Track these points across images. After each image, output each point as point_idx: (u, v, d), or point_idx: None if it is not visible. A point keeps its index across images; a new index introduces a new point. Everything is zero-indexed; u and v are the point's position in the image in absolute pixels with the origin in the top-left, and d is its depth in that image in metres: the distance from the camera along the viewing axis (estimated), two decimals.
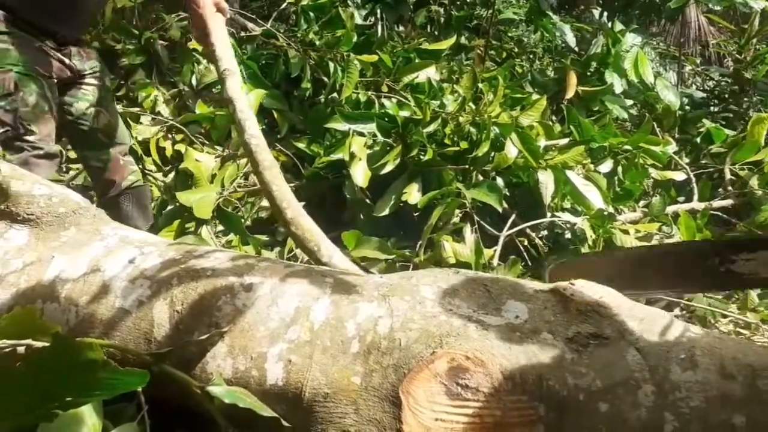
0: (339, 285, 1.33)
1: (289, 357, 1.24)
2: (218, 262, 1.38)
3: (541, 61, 5.41)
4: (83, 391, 0.84)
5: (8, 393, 0.87)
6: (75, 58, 2.46)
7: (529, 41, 5.82)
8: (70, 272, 1.41)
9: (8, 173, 1.55)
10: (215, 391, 1.18)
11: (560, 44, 5.47)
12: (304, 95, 3.08)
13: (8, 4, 2.27)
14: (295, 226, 1.61)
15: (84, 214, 1.55)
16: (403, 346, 1.17)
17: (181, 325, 1.28)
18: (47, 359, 0.82)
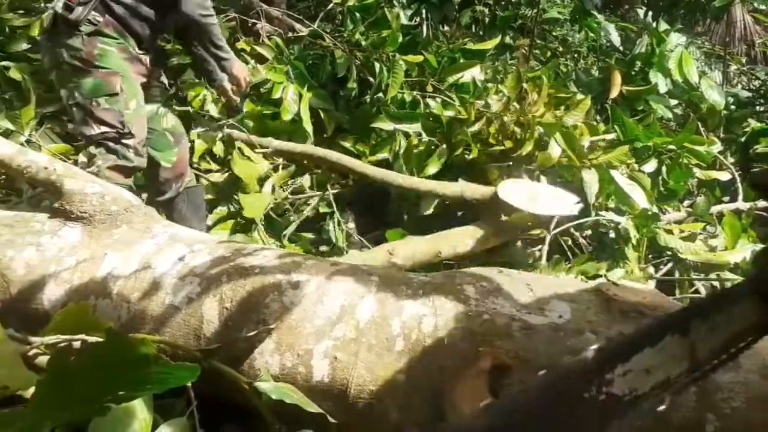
0: (384, 283, 1.33)
1: (335, 354, 1.25)
2: (266, 260, 1.40)
3: (585, 61, 5.32)
4: (136, 386, 0.87)
5: (65, 386, 0.90)
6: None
7: (573, 41, 5.72)
8: (121, 269, 1.45)
9: (62, 172, 1.60)
10: (263, 387, 1.20)
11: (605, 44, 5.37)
12: (350, 95, 3.10)
13: (116, 10, 2.37)
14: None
15: (135, 213, 1.59)
16: (447, 345, 1.16)
17: (230, 321, 1.31)
18: (102, 354, 0.85)
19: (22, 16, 3.80)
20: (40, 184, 1.62)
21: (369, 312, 1.27)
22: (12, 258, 1.48)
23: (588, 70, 4.54)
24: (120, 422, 1.11)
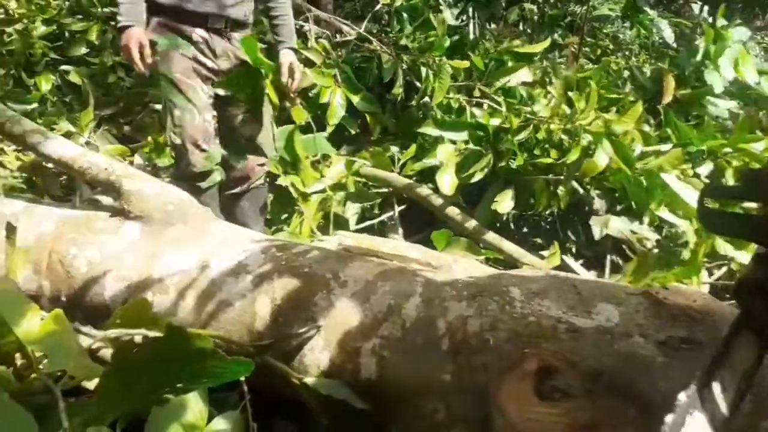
0: (430, 284, 1.35)
1: (381, 353, 1.27)
2: (316, 259, 1.44)
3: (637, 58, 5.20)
4: (193, 379, 0.91)
5: (128, 378, 0.95)
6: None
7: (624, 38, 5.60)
8: (178, 266, 1.51)
9: (121, 172, 1.68)
10: (313, 383, 1.23)
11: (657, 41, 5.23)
12: (396, 99, 3.12)
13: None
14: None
15: (191, 212, 1.65)
16: (492, 346, 1.17)
17: (281, 318, 1.35)
18: (162, 348, 0.90)
19: (80, 21, 3.96)
20: (100, 184, 1.70)
21: (415, 312, 1.29)
22: (75, 255, 1.56)
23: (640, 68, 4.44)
24: (177, 414, 1.16)
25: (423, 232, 2.90)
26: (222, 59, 2.58)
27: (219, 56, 2.57)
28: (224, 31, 2.55)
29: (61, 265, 1.55)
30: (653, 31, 5.04)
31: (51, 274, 1.55)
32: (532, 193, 2.56)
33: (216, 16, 2.51)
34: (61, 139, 1.69)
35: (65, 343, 1.12)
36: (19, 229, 1.50)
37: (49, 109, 3.58)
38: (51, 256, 1.56)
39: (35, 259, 1.55)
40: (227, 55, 2.59)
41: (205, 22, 2.50)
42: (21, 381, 1.22)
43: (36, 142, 1.63)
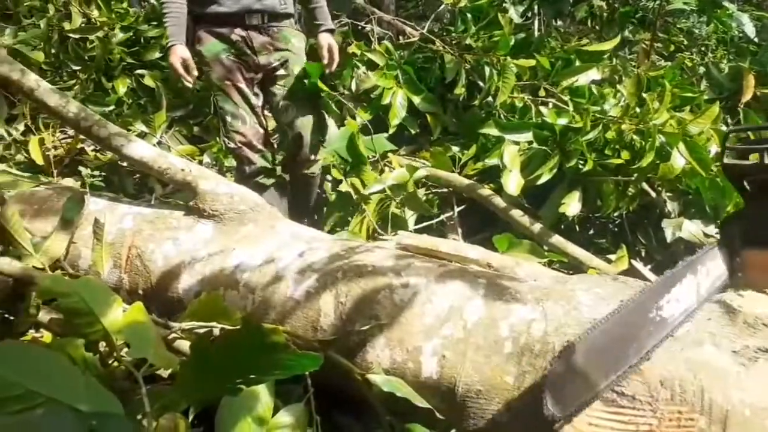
0: (492, 286, 1.35)
1: (443, 352, 1.29)
2: (378, 259, 1.47)
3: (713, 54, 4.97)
4: (265, 370, 0.95)
5: (203, 368, 1.01)
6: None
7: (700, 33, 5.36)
8: (248, 263, 1.57)
9: (197, 173, 1.76)
10: (375, 379, 1.26)
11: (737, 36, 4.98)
12: (458, 99, 3.12)
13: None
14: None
15: (260, 212, 1.71)
16: (557, 350, 1.17)
17: (345, 315, 1.39)
18: (236, 340, 0.94)
19: (155, 27, 4.14)
20: (177, 184, 1.78)
21: (477, 313, 1.30)
22: (153, 251, 1.65)
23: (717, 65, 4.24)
24: (246, 404, 1.21)
25: (482, 233, 2.89)
26: (262, 55, 2.63)
27: (259, 52, 2.62)
28: (262, 27, 2.60)
29: (139, 259, 1.64)
30: (732, 26, 4.81)
31: (130, 268, 1.65)
32: (599, 195, 2.50)
33: (251, 12, 2.56)
34: (141, 142, 1.79)
35: (146, 333, 1.19)
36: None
37: (126, 111, 3.77)
38: (130, 251, 1.65)
39: (116, 253, 1.65)
40: (266, 49, 2.64)
41: (242, 21, 2.57)
42: (105, 367, 1.31)
43: (119, 145, 1.73)
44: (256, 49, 2.62)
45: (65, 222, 1.51)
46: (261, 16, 2.58)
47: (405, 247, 1.58)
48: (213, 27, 2.59)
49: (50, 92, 1.72)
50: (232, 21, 2.57)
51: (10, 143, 3.41)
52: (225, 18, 2.56)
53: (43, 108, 1.73)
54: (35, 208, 1.79)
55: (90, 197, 1.74)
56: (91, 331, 1.17)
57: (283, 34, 2.65)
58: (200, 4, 2.56)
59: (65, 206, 1.54)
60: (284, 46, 2.67)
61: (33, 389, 0.86)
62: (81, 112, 1.74)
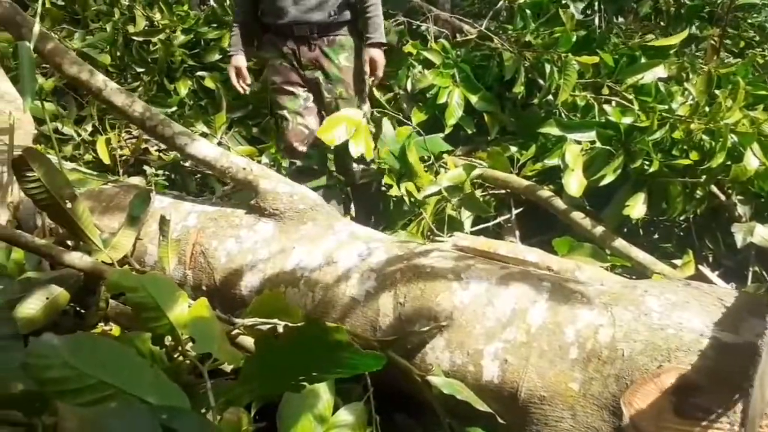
0: (557, 289, 1.32)
1: (505, 357, 1.26)
2: (437, 260, 1.45)
3: None
4: (328, 368, 0.95)
5: (267, 364, 1.01)
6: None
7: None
8: (308, 262, 1.58)
9: (258, 173, 1.78)
10: (435, 381, 1.25)
11: None
12: (516, 97, 3.06)
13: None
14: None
15: (320, 211, 1.72)
16: (626, 357, 1.13)
17: (404, 316, 1.38)
18: (301, 337, 0.94)
19: (215, 29, 4.23)
20: (238, 183, 1.81)
21: (540, 317, 1.27)
22: (216, 248, 1.68)
23: None
24: (307, 401, 1.22)
25: (540, 236, 2.82)
26: (308, 69, 2.67)
27: (305, 67, 2.67)
28: (312, 39, 2.63)
29: (203, 256, 1.67)
30: None
31: (194, 264, 1.68)
32: (665, 197, 2.40)
33: (299, 24, 2.59)
34: (204, 141, 1.83)
35: (210, 328, 1.21)
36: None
37: (187, 112, 3.87)
38: (194, 248, 1.69)
39: (180, 250, 1.69)
40: (313, 65, 2.67)
41: (291, 34, 2.62)
42: (170, 360, 1.34)
43: (183, 144, 1.77)
44: (303, 64, 2.67)
45: (132, 219, 1.55)
46: (309, 28, 2.61)
47: (462, 249, 1.56)
48: (272, 35, 2.69)
49: (117, 92, 1.78)
50: (284, 32, 2.63)
51: (79, 143, 3.54)
52: (277, 29, 2.64)
53: (110, 108, 1.79)
54: (103, 205, 1.85)
55: (155, 195, 1.78)
56: (157, 325, 1.20)
57: (338, 44, 2.66)
58: (262, 14, 2.66)
59: (132, 204, 1.58)
60: (330, 63, 2.67)
61: (105, 380, 0.89)
62: (146, 111, 1.79)
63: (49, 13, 4.16)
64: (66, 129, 3.48)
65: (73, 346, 0.89)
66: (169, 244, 1.52)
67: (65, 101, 3.74)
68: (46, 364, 0.85)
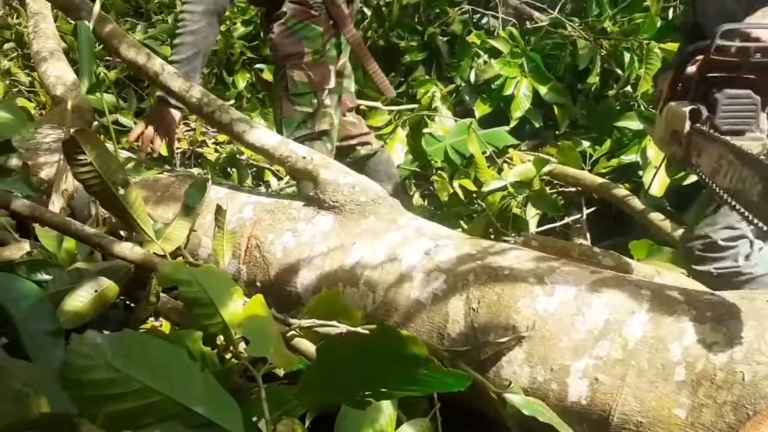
0: (659, 299, 1.15)
1: (595, 375, 1.11)
2: (517, 261, 1.30)
3: None
4: (400, 385, 0.83)
5: (329, 374, 0.89)
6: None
7: None
8: (369, 259, 1.46)
9: (318, 162, 1.67)
10: (512, 400, 1.10)
11: None
12: (590, 89, 2.87)
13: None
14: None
15: (382, 204, 1.60)
16: (747, 382, 0.96)
17: (477, 324, 1.24)
18: (369, 348, 0.82)
19: None
20: (297, 173, 1.71)
21: (640, 331, 1.11)
22: (272, 242, 1.58)
23: None
24: (368, 414, 1.10)
25: (612, 238, 2.64)
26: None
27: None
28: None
29: (258, 250, 1.57)
30: None
31: (249, 258, 1.58)
32: None
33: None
34: (263, 129, 1.73)
35: (266, 329, 1.10)
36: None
37: (245, 105, 3.83)
38: (249, 241, 1.59)
39: (235, 243, 1.59)
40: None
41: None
42: (221, 362, 1.24)
43: (241, 131, 1.68)
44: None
45: (187, 209, 1.47)
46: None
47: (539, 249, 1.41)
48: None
49: (174, 77, 1.70)
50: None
51: None
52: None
53: (167, 92, 1.71)
54: (158, 195, 1.78)
55: (211, 185, 1.70)
56: (210, 323, 1.10)
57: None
58: None
59: (187, 193, 1.50)
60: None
61: (151, 386, 0.78)
62: (204, 96, 1.71)
63: (113, 5, 4.20)
64: (126, 120, 3.48)
65: (119, 346, 0.79)
66: (224, 236, 1.43)
67: (126, 93, 3.75)
68: (87, 365, 0.75)
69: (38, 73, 2.67)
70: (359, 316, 1.32)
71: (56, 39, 2.82)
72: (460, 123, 2.97)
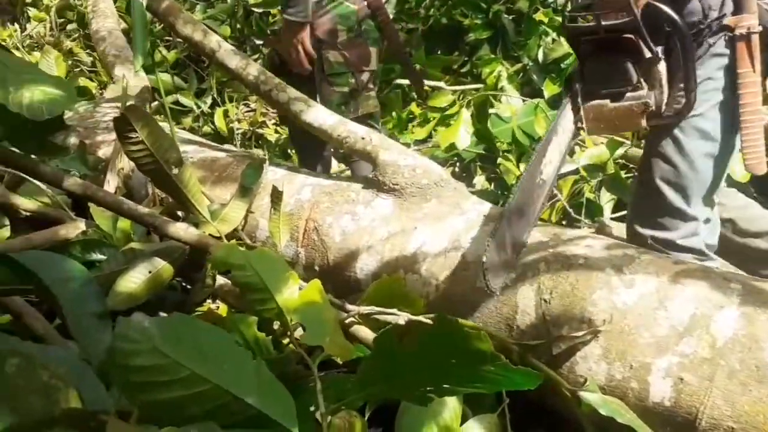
0: (750, 293, 1.04)
1: (680, 374, 1.01)
2: (591, 250, 1.20)
3: None
4: (463, 382, 0.76)
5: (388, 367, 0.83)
6: None
7: None
8: (431, 245, 1.39)
9: (378, 143, 1.60)
10: (588, 398, 1.01)
11: None
12: None
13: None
14: None
15: (445, 187, 1.52)
16: None
17: (548, 315, 1.15)
18: (431, 341, 0.75)
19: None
20: (356, 153, 1.65)
21: (730, 328, 1.00)
22: (330, 225, 1.53)
23: None
24: (431, 408, 1.03)
25: None
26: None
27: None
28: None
29: (316, 233, 1.52)
30: None
31: (307, 242, 1.54)
32: None
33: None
34: (321, 108, 1.68)
35: (322, 316, 1.05)
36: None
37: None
38: (308, 223, 1.54)
39: (293, 226, 1.55)
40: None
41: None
42: (277, 348, 1.20)
43: (298, 110, 1.63)
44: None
45: (243, 190, 1.43)
46: None
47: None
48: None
49: (231, 54, 1.66)
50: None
51: (198, 115, 3.56)
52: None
53: (224, 70, 1.68)
54: (216, 175, 1.76)
55: (268, 166, 1.66)
56: (264, 308, 1.05)
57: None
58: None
59: (244, 173, 1.46)
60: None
61: (200, 373, 0.74)
62: (261, 74, 1.66)
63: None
64: (186, 101, 3.50)
65: (167, 331, 0.75)
66: (280, 218, 1.38)
67: (186, 74, 3.78)
68: (134, 350, 0.71)
69: (97, 52, 2.70)
70: (421, 304, 1.25)
71: (115, 18, 2.85)
72: (528, 103, 2.84)
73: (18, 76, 0.96)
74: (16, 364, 0.38)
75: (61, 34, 4.20)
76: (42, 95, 0.93)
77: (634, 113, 1.44)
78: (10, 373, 0.37)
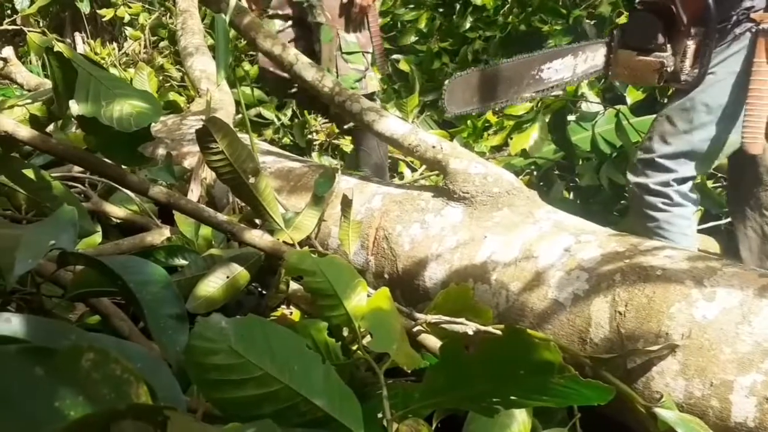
0: None
1: (765, 393, 0.95)
2: (670, 261, 1.15)
3: None
4: (532, 394, 0.75)
5: (454, 377, 0.83)
6: None
7: None
8: (501, 255, 1.37)
9: (449, 151, 1.60)
10: (665, 415, 0.97)
11: None
12: None
13: None
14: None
15: (517, 195, 1.50)
16: None
17: (623, 329, 1.11)
18: (498, 352, 0.75)
19: (411, 11, 4.14)
20: (427, 162, 1.65)
21: None
22: (400, 233, 1.54)
23: None
24: (498, 420, 1.02)
25: None
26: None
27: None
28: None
29: (386, 241, 1.54)
30: None
31: (377, 250, 1.56)
32: None
33: None
34: (393, 118, 1.70)
35: (390, 323, 1.06)
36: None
37: (381, 96, 3.84)
38: (378, 232, 1.57)
39: (364, 234, 1.57)
40: None
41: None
42: (346, 354, 1.22)
43: (371, 120, 1.66)
44: None
45: (316, 198, 1.47)
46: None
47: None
48: None
49: (308, 66, 1.71)
50: None
51: (279, 128, 3.68)
52: None
53: (301, 82, 1.73)
54: (291, 185, 1.81)
55: (341, 175, 1.69)
56: (333, 314, 1.08)
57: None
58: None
59: (317, 182, 1.50)
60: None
61: (271, 374, 0.77)
62: (335, 86, 1.71)
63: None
64: (267, 113, 3.63)
65: (243, 331, 0.78)
66: (350, 226, 1.41)
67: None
68: (210, 349, 0.75)
69: (185, 67, 2.85)
70: (490, 314, 1.24)
71: (201, 35, 3.00)
72: (609, 111, 2.76)
73: (110, 91, 1.04)
74: (91, 358, 0.41)
75: (154, 51, 4.46)
76: (130, 108, 1.00)
77: (650, 69, 1.73)
78: (86, 367, 0.41)
